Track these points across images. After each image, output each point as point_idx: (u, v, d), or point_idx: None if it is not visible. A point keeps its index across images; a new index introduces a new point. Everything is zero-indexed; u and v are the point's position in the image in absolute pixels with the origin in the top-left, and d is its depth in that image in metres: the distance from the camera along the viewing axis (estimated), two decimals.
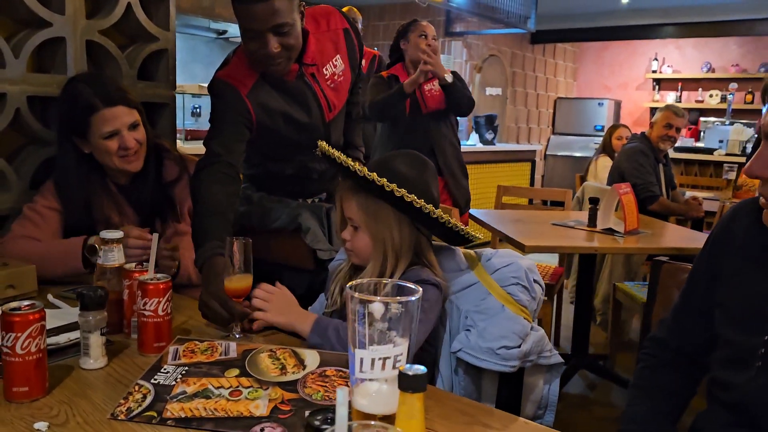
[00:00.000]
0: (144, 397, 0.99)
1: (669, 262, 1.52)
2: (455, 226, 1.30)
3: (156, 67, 2.10)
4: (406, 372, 0.63)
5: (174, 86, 2.12)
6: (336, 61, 1.98)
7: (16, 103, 1.76)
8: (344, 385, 1.02)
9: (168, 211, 1.80)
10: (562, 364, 1.41)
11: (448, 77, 3.02)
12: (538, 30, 7.50)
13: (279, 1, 1.60)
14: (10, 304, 1.00)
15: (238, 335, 1.30)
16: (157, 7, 2.07)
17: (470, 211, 3.26)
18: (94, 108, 1.64)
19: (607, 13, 8.31)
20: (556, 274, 3.30)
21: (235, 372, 1.08)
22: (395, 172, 1.29)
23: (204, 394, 1.00)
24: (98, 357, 1.14)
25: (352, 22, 2.08)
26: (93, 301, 1.11)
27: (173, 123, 2.14)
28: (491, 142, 6.59)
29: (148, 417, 0.94)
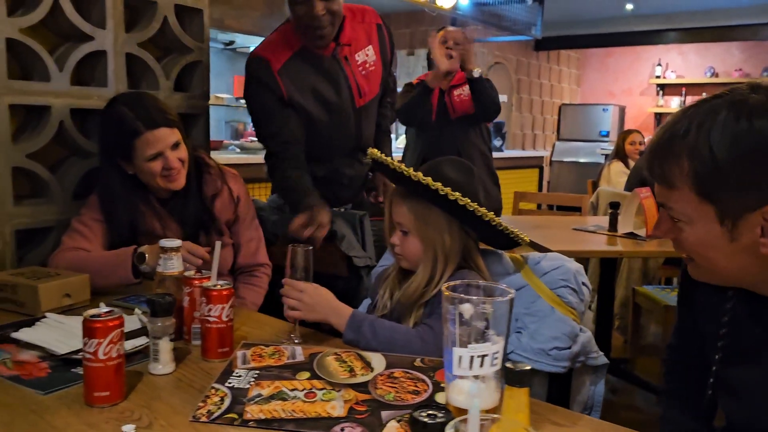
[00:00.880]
0: (222, 400, 1.02)
1: None
2: (506, 228, 1.33)
3: (190, 79, 2.13)
4: (515, 368, 0.66)
5: (208, 97, 2.15)
6: (368, 50, 2.12)
7: (60, 116, 1.80)
8: (416, 387, 1.05)
9: (210, 224, 1.82)
10: (607, 365, 1.44)
11: (475, 72, 2.97)
12: (543, 37, 7.56)
13: None
14: (89, 311, 1.03)
15: (298, 340, 1.33)
16: (191, 20, 2.11)
17: None
18: (137, 132, 1.64)
19: (610, 19, 8.37)
20: None
21: (306, 375, 1.11)
22: (445, 177, 1.32)
23: (280, 396, 1.03)
24: (167, 362, 1.16)
25: (384, 21, 2.20)
26: (162, 308, 1.14)
27: (207, 133, 2.17)
28: (500, 149, 6.63)
29: (230, 419, 0.97)
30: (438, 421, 0.70)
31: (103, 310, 1.03)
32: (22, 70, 1.81)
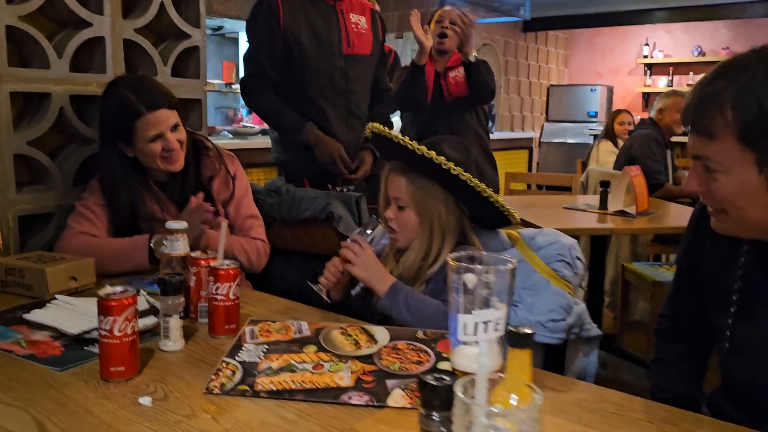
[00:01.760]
0: (233, 373, 1.06)
1: None
2: (502, 206, 1.38)
3: (187, 64, 2.16)
4: (517, 331, 0.71)
5: (205, 82, 2.18)
6: (361, 18, 2.47)
7: (60, 103, 1.82)
8: (419, 358, 1.10)
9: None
10: (600, 336, 1.50)
11: (471, 56, 3.02)
12: (531, 18, 7.58)
13: None
14: (105, 289, 1.06)
15: (330, 301, 1.43)
16: (187, 5, 2.12)
17: None
18: (138, 114, 1.67)
19: None
20: None
21: (314, 348, 1.15)
22: (444, 153, 1.36)
23: (289, 368, 1.07)
24: (177, 339, 1.21)
25: (379, 11, 2.53)
26: (173, 287, 1.18)
27: (204, 118, 2.20)
28: (490, 131, 6.67)
29: (242, 390, 1.01)
30: (445, 384, 0.74)
31: (118, 289, 1.07)
32: (21, 58, 1.83)
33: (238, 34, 6.96)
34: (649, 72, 9.44)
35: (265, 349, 1.15)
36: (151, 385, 1.06)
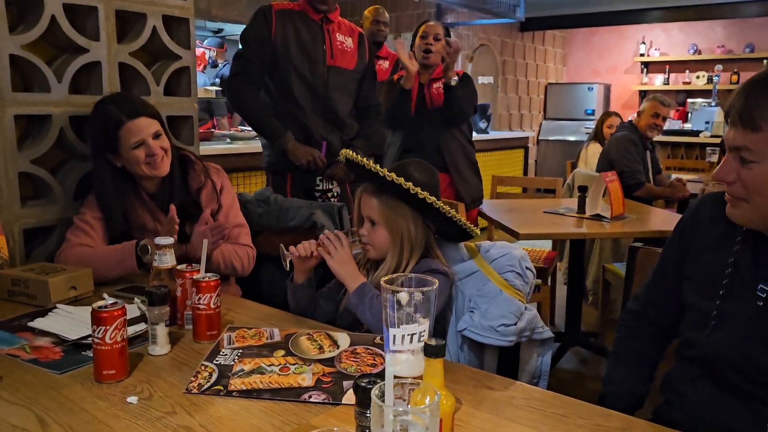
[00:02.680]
0: (210, 375, 1.21)
1: (644, 248, 1.75)
2: (459, 220, 1.53)
3: (178, 83, 2.30)
4: (430, 342, 0.85)
5: (196, 99, 2.33)
6: (347, 38, 2.77)
7: (60, 124, 1.97)
8: (374, 361, 1.25)
9: (196, 215, 2.01)
10: (552, 338, 1.64)
11: (452, 81, 3.12)
12: (527, 18, 7.70)
13: None
14: (97, 303, 1.21)
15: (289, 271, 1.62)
16: (178, 28, 2.27)
17: None
18: (120, 122, 1.84)
19: None
20: (550, 258, 3.53)
21: (282, 352, 1.30)
22: (411, 177, 1.52)
23: (259, 370, 1.22)
24: (164, 344, 1.36)
25: (366, 35, 2.91)
26: (159, 298, 1.33)
27: (195, 133, 2.35)
28: (485, 131, 6.80)
29: (217, 390, 1.16)
30: (374, 386, 0.89)
31: (109, 301, 1.22)
32: (24, 82, 1.98)
33: (238, 36, 7.10)
34: (645, 70, 9.54)
35: (239, 354, 1.30)
36: (138, 386, 1.21)
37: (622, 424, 1.09)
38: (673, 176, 4.48)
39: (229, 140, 4.53)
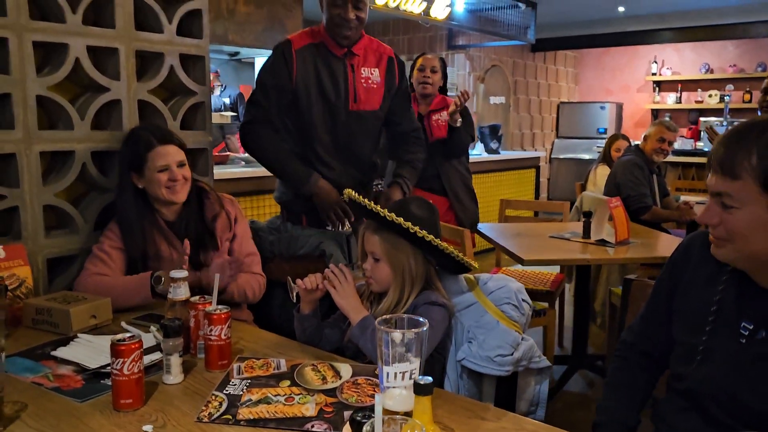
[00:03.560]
0: (220, 404, 1.30)
1: (638, 280, 1.81)
2: (457, 256, 1.61)
3: (194, 117, 2.41)
4: (419, 381, 0.93)
5: (210, 132, 2.43)
6: (374, 71, 2.49)
7: (82, 159, 2.08)
8: (374, 392, 1.33)
9: (210, 243, 2.10)
10: (549, 367, 1.71)
11: (458, 123, 3.29)
12: (538, 38, 7.79)
13: None
14: (116, 336, 1.31)
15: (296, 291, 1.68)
16: (194, 65, 2.38)
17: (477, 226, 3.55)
18: (151, 145, 2.00)
19: (604, 20, 8.59)
20: (557, 281, 3.59)
21: (287, 383, 1.38)
22: (412, 215, 1.61)
23: (266, 400, 1.31)
24: (177, 374, 1.44)
25: (398, 57, 2.57)
26: (173, 330, 1.42)
27: (210, 164, 2.45)
28: (496, 151, 6.87)
29: (226, 419, 1.24)
30: (369, 420, 0.97)
31: (127, 335, 1.31)
32: (49, 119, 2.10)
33: (254, 59, 7.24)
34: (658, 89, 9.59)
35: (247, 384, 1.39)
36: (153, 414, 1.29)
37: None
38: (681, 198, 4.53)
39: (243, 163, 4.64)
